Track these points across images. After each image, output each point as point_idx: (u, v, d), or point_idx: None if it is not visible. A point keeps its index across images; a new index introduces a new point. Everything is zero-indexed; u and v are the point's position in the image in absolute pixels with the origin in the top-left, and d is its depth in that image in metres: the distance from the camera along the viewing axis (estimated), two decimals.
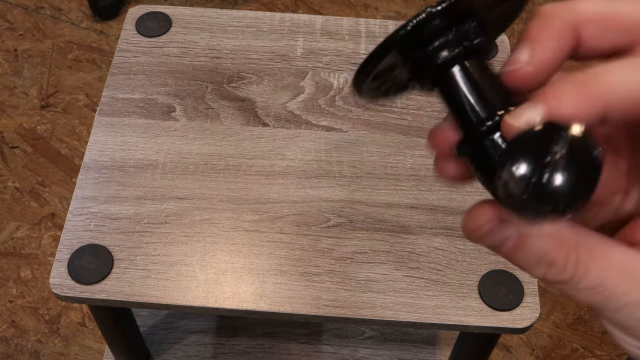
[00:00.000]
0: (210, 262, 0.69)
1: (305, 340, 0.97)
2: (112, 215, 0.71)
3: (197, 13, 0.88)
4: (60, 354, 1.22)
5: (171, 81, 0.82)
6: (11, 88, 1.55)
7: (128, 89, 0.81)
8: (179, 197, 0.73)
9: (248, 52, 0.85)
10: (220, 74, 0.83)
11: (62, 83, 1.56)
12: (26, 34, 1.65)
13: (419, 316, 0.66)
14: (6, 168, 1.43)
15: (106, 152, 0.76)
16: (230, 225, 0.71)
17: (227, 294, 0.67)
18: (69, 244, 0.69)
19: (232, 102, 0.80)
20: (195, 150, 0.76)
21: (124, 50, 0.84)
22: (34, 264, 1.31)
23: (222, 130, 0.78)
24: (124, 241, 0.69)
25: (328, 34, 0.87)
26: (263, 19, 0.88)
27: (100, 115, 0.79)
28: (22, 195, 1.39)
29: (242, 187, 0.74)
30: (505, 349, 1.29)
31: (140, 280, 0.67)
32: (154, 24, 0.86)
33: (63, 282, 0.67)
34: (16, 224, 1.35)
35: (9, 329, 1.24)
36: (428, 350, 0.97)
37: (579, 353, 1.29)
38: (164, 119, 0.79)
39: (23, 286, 1.28)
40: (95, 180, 0.74)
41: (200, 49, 0.84)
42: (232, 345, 0.97)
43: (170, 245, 0.70)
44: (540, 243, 0.24)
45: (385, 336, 0.98)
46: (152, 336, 0.97)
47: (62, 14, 1.70)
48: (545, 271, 0.24)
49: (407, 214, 0.72)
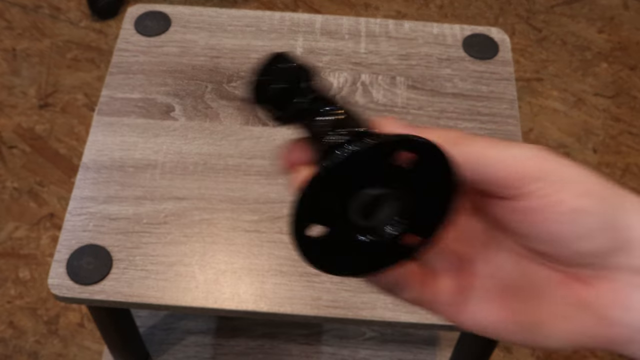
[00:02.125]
0: (209, 263, 0.68)
1: (305, 341, 0.97)
2: (111, 215, 0.71)
3: (196, 12, 0.88)
4: (58, 354, 1.21)
5: (170, 81, 0.81)
6: (9, 87, 1.55)
7: (127, 89, 0.80)
8: (178, 197, 0.72)
9: (248, 51, 0.84)
10: (219, 74, 0.82)
11: (61, 82, 1.56)
12: (24, 33, 1.65)
13: (419, 317, 0.66)
14: (5, 168, 1.42)
15: (105, 152, 0.75)
16: (229, 225, 0.71)
17: (226, 295, 0.67)
18: (67, 244, 0.69)
19: (232, 101, 0.80)
20: (194, 150, 0.76)
21: (123, 49, 0.84)
22: (32, 264, 1.30)
23: (221, 130, 0.78)
24: (123, 241, 0.69)
25: (328, 33, 0.87)
26: (263, 18, 0.88)
27: (99, 115, 0.78)
28: (21, 195, 1.39)
29: (242, 187, 0.73)
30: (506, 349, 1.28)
31: (139, 281, 0.67)
32: (153, 23, 0.86)
33: (62, 282, 0.66)
34: (15, 224, 1.35)
35: (8, 330, 1.23)
36: (428, 351, 0.96)
37: (579, 353, 1.29)
38: (163, 119, 0.78)
39: (21, 287, 1.28)
40: (94, 180, 0.73)
41: (199, 48, 0.84)
42: (232, 346, 0.96)
43: (170, 245, 0.69)
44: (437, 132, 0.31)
45: (385, 337, 0.97)
46: (151, 337, 0.96)
47: (60, 13, 1.69)
48: None
49: None
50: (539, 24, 1.72)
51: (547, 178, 0.31)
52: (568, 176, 0.31)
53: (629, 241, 0.31)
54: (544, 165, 0.31)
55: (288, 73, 0.33)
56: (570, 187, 0.31)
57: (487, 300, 0.34)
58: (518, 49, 1.67)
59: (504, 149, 0.31)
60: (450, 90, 0.83)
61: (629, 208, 0.31)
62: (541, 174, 0.31)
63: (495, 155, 0.31)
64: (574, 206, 0.30)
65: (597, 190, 0.31)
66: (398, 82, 0.83)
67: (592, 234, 0.31)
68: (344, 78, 0.83)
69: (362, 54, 0.85)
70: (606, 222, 0.31)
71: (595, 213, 0.31)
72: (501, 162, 0.31)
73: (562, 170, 0.31)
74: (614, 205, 0.31)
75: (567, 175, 0.31)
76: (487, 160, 0.31)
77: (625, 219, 0.31)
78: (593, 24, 1.75)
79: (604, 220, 0.31)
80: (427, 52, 0.86)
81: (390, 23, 0.88)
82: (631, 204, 0.32)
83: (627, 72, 1.66)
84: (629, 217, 0.31)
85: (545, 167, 0.31)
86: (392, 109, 0.80)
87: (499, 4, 1.76)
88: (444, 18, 1.74)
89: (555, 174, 0.31)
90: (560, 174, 0.31)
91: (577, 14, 1.77)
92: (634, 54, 1.69)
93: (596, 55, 1.69)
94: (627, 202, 0.32)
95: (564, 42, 1.70)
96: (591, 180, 0.31)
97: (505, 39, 0.87)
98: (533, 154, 0.31)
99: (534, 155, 0.31)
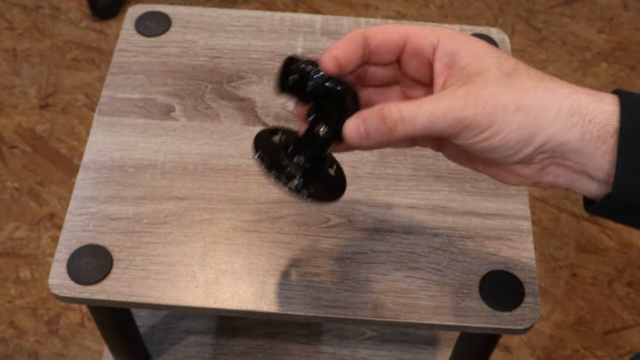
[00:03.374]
0: (209, 263, 0.69)
1: (305, 341, 0.97)
2: (111, 215, 0.71)
3: (196, 12, 0.88)
4: (59, 354, 1.21)
5: (170, 81, 0.81)
6: (10, 88, 1.55)
7: (127, 89, 0.81)
8: (178, 197, 0.72)
9: (248, 51, 0.85)
10: (219, 74, 0.82)
11: (61, 83, 1.56)
12: (25, 34, 1.65)
13: (419, 317, 0.66)
14: (5, 168, 1.42)
15: (105, 152, 0.75)
16: (230, 225, 0.71)
17: (226, 295, 0.67)
18: (68, 244, 0.69)
19: (232, 101, 0.80)
20: (194, 150, 0.76)
21: (123, 49, 0.84)
22: (32, 264, 1.30)
23: (221, 130, 0.78)
24: (124, 241, 0.69)
25: (328, 33, 0.87)
26: (263, 18, 0.88)
27: (99, 115, 0.78)
28: (21, 195, 1.39)
29: (242, 187, 0.74)
30: (506, 349, 1.28)
31: (140, 281, 0.67)
32: (154, 23, 0.86)
33: (62, 282, 0.67)
34: (15, 224, 1.35)
35: (8, 330, 1.23)
36: (428, 351, 0.97)
37: (579, 354, 1.29)
38: (164, 119, 0.78)
39: (22, 286, 1.28)
40: (95, 180, 0.73)
41: (199, 48, 0.84)
42: (232, 346, 0.96)
43: (170, 245, 0.69)
44: (375, 114, 0.44)
45: (385, 337, 0.98)
46: (151, 337, 0.96)
47: (61, 14, 1.70)
48: (384, 127, 0.43)
49: (407, 214, 0.72)
50: (538, 24, 1.72)
51: (466, 129, 0.42)
52: (481, 124, 0.42)
53: (544, 147, 0.42)
54: (465, 121, 0.42)
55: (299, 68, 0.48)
56: (484, 134, 0.42)
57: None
58: (518, 49, 1.67)
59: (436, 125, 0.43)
60: None
61: (542, 127, 0.41)
62: (463, 127, 0.42)
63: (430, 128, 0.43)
64: (486, 148, 0.42)
65: (506, 127, 0.41)
66: None
67: (509, 155, 0.43)
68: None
69: None
70: (519, 147, 0.42)
71: (508, 147, 0.42)
72: (438, 131, 0.43)
73: (478, 120, 0.42)
74: (525, 128, 0.41)
75: (482, 124, 0.42)
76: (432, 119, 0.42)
77: (537, 137, 0.41)
78: (593, 24, 1.75)
79: (515, 148, 0.42)
80: None
81: (390, 23, 0.88)
82: (545, 122, 0.41)
83: (627, 72, 1.66)
84: (540, 135, 0.41)
85: (466, 122, 0.42)
86: None
87: (499, 4, 1.76)
88: (443, 18, 1.75)
89: (473, 125, 0.42)
90: (476, 124, 0.42)
91: (577, 14, 1.77)
92: (633, 54, 1.70)
93: (596, 55, 1.69)
94: (540, 119, 0.41)
95: (563, 42, 1.70)
96: (502, 120, 0.41)
97: (505, 39, 0.87)
98: (460, 106, 0.42)
99: (461, 108, 0.42)
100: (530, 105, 0.41)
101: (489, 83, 0.42)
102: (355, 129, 0.44)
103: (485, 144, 0.42)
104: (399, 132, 0.43)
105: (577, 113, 0.41)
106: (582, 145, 0.41)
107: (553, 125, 0.41)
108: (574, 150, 0.41)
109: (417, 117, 0.42)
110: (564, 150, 0.42)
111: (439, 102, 0.43)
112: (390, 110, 0.43)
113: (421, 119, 0.42)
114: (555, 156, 0.42)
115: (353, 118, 0.45)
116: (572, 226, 1.42)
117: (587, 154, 0.41)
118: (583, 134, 0.41)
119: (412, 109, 0.43)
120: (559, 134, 0.41)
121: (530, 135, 0.41)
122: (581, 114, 0.41)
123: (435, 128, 0.42)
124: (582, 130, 0.41)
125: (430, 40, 0.46)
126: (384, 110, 0.43)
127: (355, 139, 0.45)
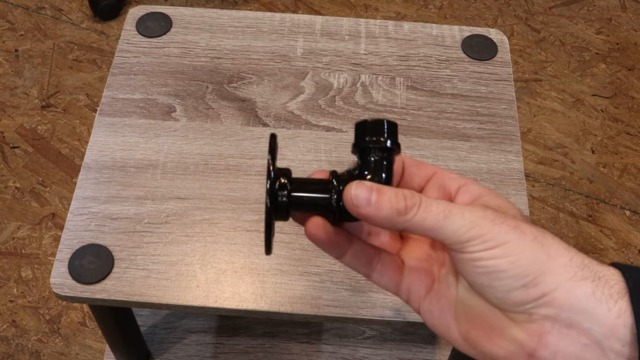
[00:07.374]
0: (210, 262, 0.69)
1: (306, 340, 0.98)
2: (112, 215, 0.71)
3: (197, 13, 0.88)
4: (60, 353, 1.22)
5: (171, 81, 0.82)
6: (12, 88, 1.56)
7: (128, 89, 0.81)
8: (179, 197, 0.73)
9: (248, 52, 0.85)
10: (220, 74, 0.83)
11: (63, 83, 1.57)
12: (27, 34, 1.65)
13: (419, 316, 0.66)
14: (7, 168, 1.43)
15: (107, 152, 0.76)
16: (230, 225, 0.71)
17: (227, 294, 0.67)
18: (69, 243, 0.69)
19: (233, 102, 0.81)
20: (195, 150, 0.77)
21: (125, 50, 0.85)
22: (34, 263, 1.31)
23: (222, 131, 0.78)
24: (125, 241, 0.70)
25: (328, 34, 0.87)
26: (263, 19, 0.88)
27: (100, 116, 0.79)
28: (23, 195, 1.39)
29: (243, 187, 0.74)
30: None
31: (141, 280, 0.67)
32: (155, 24, 0.87)
33: (64, 281, 0.67)
34: (17, 223, 1.35)
35: (10, 329, 1.24)
36: (428, 350, 0.97)
37: None
38: (165, 119, 0.79)
39: (24, 286, 1.28)
40: (96, 180, 0.74)
41: (200, 49, 0.85)
42: (233, 345, 0.97)
43: (171, 245, 0.70)
44: (390, 198, 0.40)
45: (385, 336, 0.98)
46: (152, 336, 0.97)
47: (62, 14, 1.70)
48: (397, 217, 0.39)
49: None
50: (537, 25, 1.73)
51: (479, 238, 0.38)
52: (497, 238, 0.38)
53: (551, 297, 0.37)
54: (480, 230, 0.38)
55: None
56: (496, 250, 0.38)
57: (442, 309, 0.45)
58: (517, 49, 1.68)
59: (453, 221, 0.39)
60: (450, 91, 0.83)
61: (554, 269, 0.37)
62: (477, 235, 0.38)
63: (444, 225, 0.39)
64: (492, 268, 0.38)
65: (519, 252, 0.38)
66: (397, 82, 0.84)
67: (511, 290, 0.38)
68: (344, 79, 0.83)
69: (361, 54, 0.86)
70: (525, 282, 0.37)
71: (513, 275, 0.37)
72: (450, 231, 0.39)
73: (494, 233, 0.38)
74: (537, 263, 0.37)
75: (497, 238, 0.38)
76: (438, 230, 0.39)
77: (547, 279, 0.37)
78: (591, 25, 1.76)
79: (522, 281, 0.37)
80: (427, 53, 0.86)
81: (389, 24, 0.89)
82: (557, 264, 0.38)
83: (625, 73, 1.66)
84: (550, 278, 0.37)
85: (481, 231, 0.38)
86: (392, 110, 0.81)
87: (498, 5, 1.76)
88: (443, 19, 1.75)
89: (488, 236, 0.38)
90: (492, 236, 0.38)
91: (576, 15, 1.77)
92: (631, 55, 1.70)
93: (594, 56, 1.69)
94: (552, 260, 0.38)
95: (562, 43, 1.71)
96: (518, 244, 0.38)
97: (504, 39, 0.88)
98: (474, 221, 0.39)
99: (474, 223, 0.38)
100: (547, 243, 0.38)
101: (511, 216, 0.40)
102: (367, 192, 0.40)
103: (492, 262, 0.38)
104: (409, 217, 0.39)
105: (588, 267, 0.38)
106: (592, 304, 0.37)
107: (564, 271, 0.37)
108: (582, 310, 0.37)
109: (432, 205, 0.39)
110: (572, 307, 0.37)
111: (456, 206, 0.40)
112: (412, 192, 0.40)
113: (437, 209, 0.39)
114: (560, 318, 0.37)
115: (366, 182, 0.41)
116: (570, 226, 1.43)
117: (597, 317, 0.37)
118: (594, 290, 0.37)
119: (431, 199, 0.40)
120: (569, 283, 0.37)
121: (540, 273, 0.37)
122: (591, 269, 0.38)
123: (447, 226, 0.39)
124: (593, 285, 0.37)
125: (458, 182, 0.44)
126: (405, 190, 0.40)
127: (361, 203, 0.40)
